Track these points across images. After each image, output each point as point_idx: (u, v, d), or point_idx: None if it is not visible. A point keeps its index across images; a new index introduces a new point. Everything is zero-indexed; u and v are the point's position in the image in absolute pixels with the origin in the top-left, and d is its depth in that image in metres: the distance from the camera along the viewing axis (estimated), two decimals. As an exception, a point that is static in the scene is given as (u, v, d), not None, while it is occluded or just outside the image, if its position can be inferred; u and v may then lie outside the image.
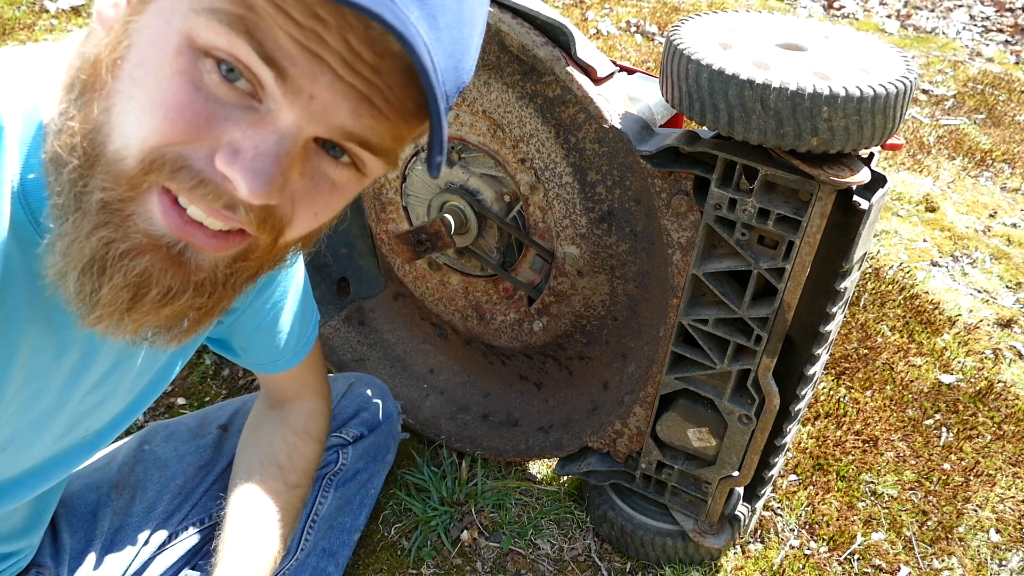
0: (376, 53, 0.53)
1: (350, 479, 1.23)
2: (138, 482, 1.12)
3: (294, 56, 0.52)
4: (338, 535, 1.21)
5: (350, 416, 1.27)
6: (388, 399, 1.33)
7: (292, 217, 0.60)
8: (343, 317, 1.58)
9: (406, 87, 0.56)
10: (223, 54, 0.52)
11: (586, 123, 1.13)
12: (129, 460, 1.14)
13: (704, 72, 0.85)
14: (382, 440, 1.29)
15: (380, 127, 0.57)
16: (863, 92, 0.81)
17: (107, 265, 0.57)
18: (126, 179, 0.55)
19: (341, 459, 1.23)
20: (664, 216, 1.05)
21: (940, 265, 2.21)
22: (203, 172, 0.55)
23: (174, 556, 1.11)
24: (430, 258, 1.40)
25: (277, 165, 0.55)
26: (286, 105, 0.54)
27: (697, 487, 1.23)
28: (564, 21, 1.01)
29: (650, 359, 1.20)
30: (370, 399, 1.29)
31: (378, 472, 1.29)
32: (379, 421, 1.29)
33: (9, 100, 0.61)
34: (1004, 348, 1.89)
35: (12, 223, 0.62)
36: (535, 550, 1.35)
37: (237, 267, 0.63)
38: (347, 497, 1.23)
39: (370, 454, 1.27)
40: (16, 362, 0.67)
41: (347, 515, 1.23)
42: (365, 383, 1.32)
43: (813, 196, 0.90)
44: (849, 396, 1.71)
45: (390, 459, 1.33)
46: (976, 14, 4.56)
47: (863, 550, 1.38)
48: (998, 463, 1.58)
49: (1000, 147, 2.92)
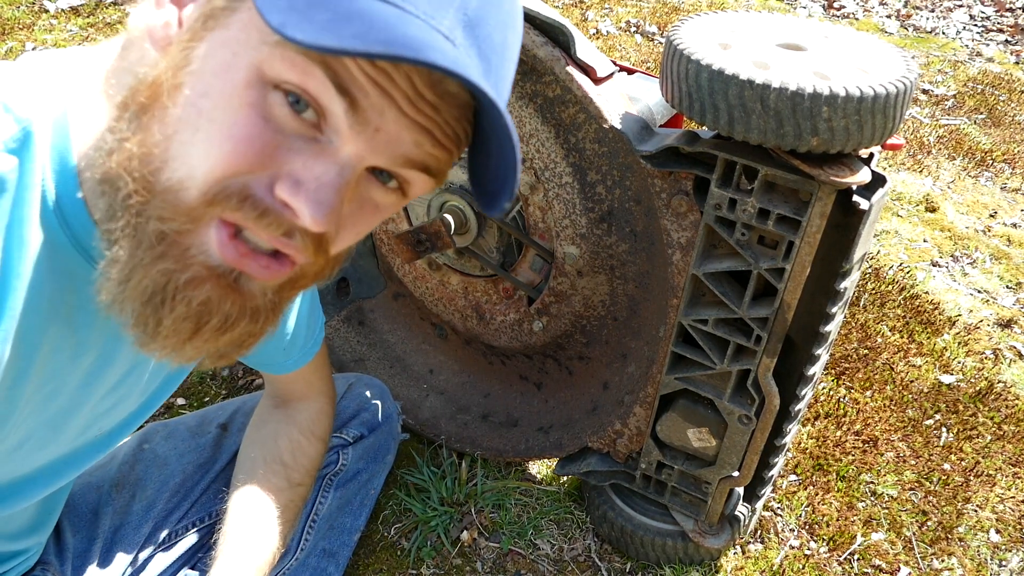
0: (437, 94, 0.57)
1: (350, 479, 1.23)
2: (138, 480, 1.12)
3: (366, 89, 0.55)
4: (338, 535, 1.21)
5: (350, 417, 1.27)
6: (388, 400, 1.33)
7: (336, 237, 0.63)
8: (343, 317, 1.58)
9: (460, 121, 0.61)
10: (293, 86, 0.54)
11: (586, 123, 1.13)
12: (129, 459, 1.14)
13: (704, 72, 0.85)
14: (382, 440, 1.29)
15: (439, 154, 0.62)
16: (863, 92, 0.81)
17: (169, 297, 0.59)
18: (186, 211, 0.57)
19: (341, 459, 1.23)
20: (664, 216, 1.05)
21: (940, 265, 2.21)
22: (264, 201, 0.57)
23: (174, 555, 1.12)
24: (430, 258, 1.40)
25: (337, 195, 0.58)
26: (351, 137, 0.57)
27: (697, 487, 1.23)
28: (564, 21, 1.01)
29: (650, 359, 1.20)
30: (369, 400, 1.30)
31: (378, 472, 1.30)
32: (379, 422, 1.29)
33: (38, 105, 0.62)
34: (1004, 348, 1.89)
35: (43, 225, 0.62)
36: (535, 550, 1.35)
37: (283, 294, 0.66)
38: (347, 497, 1.23)
39: (370, 454, 1.27)
40: (36, 361, 0.68)
41: (347, 515, 1.23)
42: (364, 383, 1.33)
43: (813, 196, 0.89)
44: (849, 396, 1.71)
45: (390, 460, 1.33)
46: (976, 14, 4.56)
47: (863, 550, 1.38)
48: (998, 463, 1.58)
49: (1000, 147, 2.92)
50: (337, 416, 1.25)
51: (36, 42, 2.93)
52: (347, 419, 1.26)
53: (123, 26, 0.68)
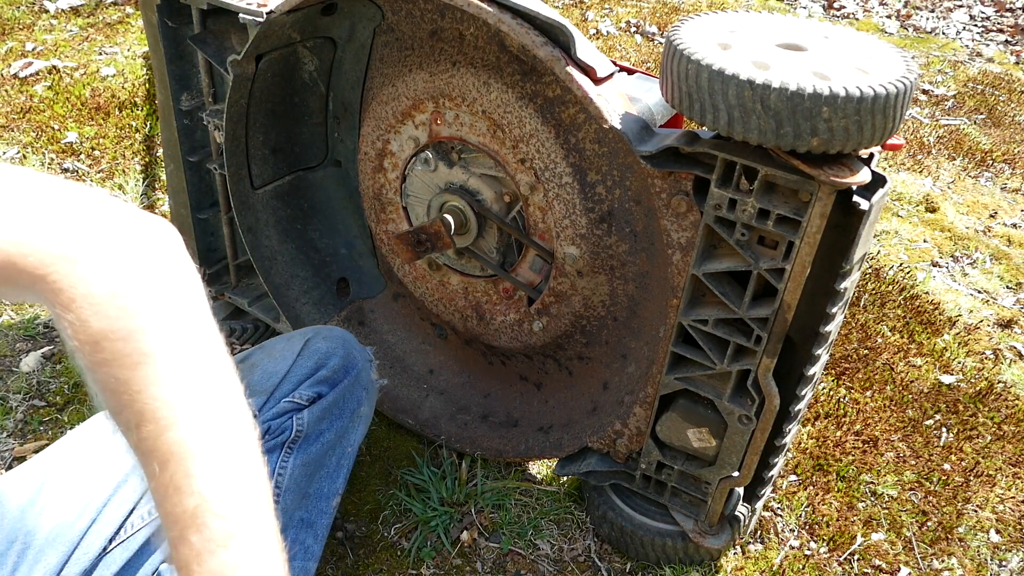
0: None
1: (312, 443, 1.13)
2: (73, 479, 1.00)
3: None
4: (315, 503, 1.14)
5: (305, 376, 1.14)
6: (354, 348, 1.21)
7: None
8: (343, 317, 1.58)
9: None
10: None
11: (586, 123, 1.13)
12: (59, 460, 1.02)
13: (704, 72, 0.85)
14: (348, 394, 1.18)
15: None
16: (863, 92, 0.81)
17: None
18: None
19: (296, 426, 1.11)
20: (664, 216, 1.05)
21: (940, 265, 2.21)
22: None
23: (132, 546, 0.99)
24: (430, 258, 1.40)
25: None
26: None
27: (697, 487, 1.23)
28: (564, 21, 1.01)
29: (650, 359, 1.20)
30: (329, 354, 1.18)
31: (351, 429, 1.19)
32: (342, 376, 1.18)
33: None
34: (1004, 348, 1.89)
35: None
36: (535, 550, 1.35)
37: None
38: (317, 463, 1.14)
39: (334, 412, 1.16)
40: None
41: (323, 480, 1.15)
42: (323, 336, 1.20)
43: (813, 196, 0.90)
44: (849, 396, 1.71)
45: (365, 412, 1.22)
46: (976, 14, 4.56)
47: (863, 550, 1.38)
48: (998, 463, 1.58)
49: (1000, 147, 2.92)
50: (290, 378, 1.14)
51: (36, 42, 2.93)
52: (301, 379, 1.14)
53: (123, 26, 0.65)
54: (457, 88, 1.20)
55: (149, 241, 0.65)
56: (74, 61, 2.81)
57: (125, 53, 2.90)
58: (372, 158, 1.38)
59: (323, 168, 1.52)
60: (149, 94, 2.58)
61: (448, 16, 1.18)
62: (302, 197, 1.53)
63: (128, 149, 2.35)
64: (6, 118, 2.44)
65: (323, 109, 1.44)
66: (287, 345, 1.17)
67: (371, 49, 1.31)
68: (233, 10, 1.25)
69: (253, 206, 1.47)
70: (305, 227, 1.55)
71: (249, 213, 1.46)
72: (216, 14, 1.35)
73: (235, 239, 1.58)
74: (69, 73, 2.72)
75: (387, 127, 1.32)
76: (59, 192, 0.64)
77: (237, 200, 1.43)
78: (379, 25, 1.28)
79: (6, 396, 1.60)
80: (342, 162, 1.51)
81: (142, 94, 2.61)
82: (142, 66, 2.78)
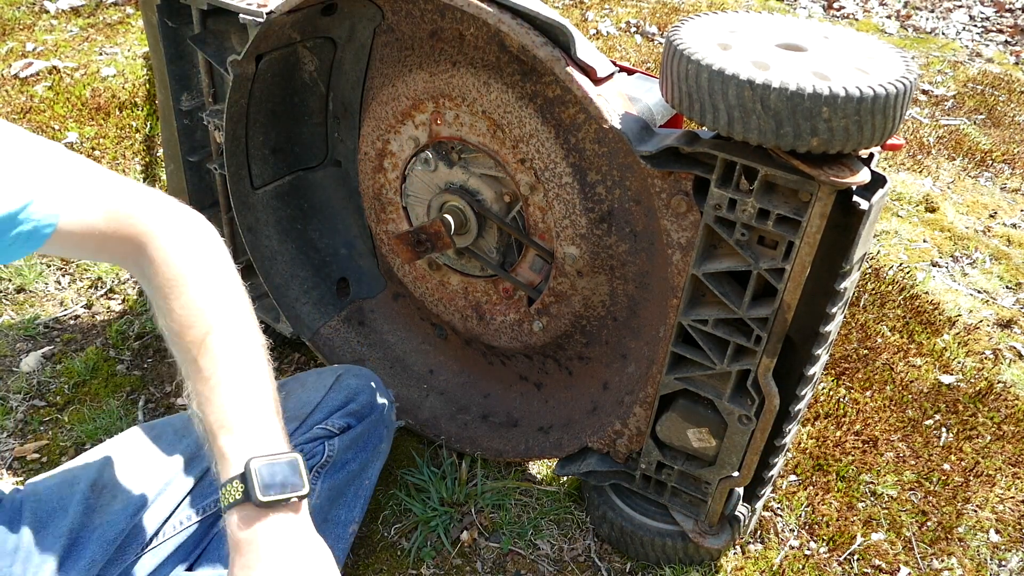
0: None
1: (339, 470, 1.20)
2: (115, 483, 1.07)
3: None
4: (333, 528, 1.19)
5: (337, 407, 1.23)
6: (380, 388, 1.31)
7: None
8: (343, 317, 1.58)
9: None
10: None
11: (586, 123, 1.13)
12: (108, 461, 1.09)
13: (704, 72, 0.85)
14: (373, 429, 1.26)
15: None
16: (863, 92, 0.81)
17: None
18: None
19: (327, 451, 1.19)
20: (664, 216, 1.05)
21: (940, 265, 2.21)
22: None
23: (162, 555, 1.07)
24: (430, 258, 1.40)
25: None
26: None
27: (697, 487, 1.23)
28: (564, 21, 1.01)
29: (650, 359, 1.20)
30: (358, 390, 1.27)
31: (371, 462, 1.27)
32: (368, 411, 1.26)
33: None
34: (1004, 348, 1.89)
35: None
36: (535, 550, 1.35)
37: None
38: (339, 489, 1.21)
39: (359, 444, 1.24)
40: None
41: (341, 508, 1.21)
42: (353, 374, 1.29)
43: (813, 196, 0.90)
44: (849, 396, 1.71)
45: (384, 448, 1.30)
46: (976, 14, 4.56)
47: (863, 550, 1.38)
48: (998, 463, 1.58)
49: (1000, 147, 2.92)
50: (323, 408, 1.22)
51: (36, 42, 2.93)
52: (333, 409, 1.23)
53: (123, 26, 0.67)
54: (457, 88, 1.21)
55: (197, 223, 0.96)
56: (74, 61, 2.81)
57: (125, 53, 2.90)
58: (372, 158, 1.38)
59: (323, 168, 1.52)
60: (149, 94, 2.58)
61: (448, 16, 1.18)
62: (302, 197, 1.53)
63: (128, 149, 2.35)
64: (6, 118, 2.44)
65: (323, 109, 1.44)
66: (319, 379, 1.26)
67: (371, 49, 1.31)
68: (233, 10, 1.25)
69: (253, 206, 1.47)
70: (305, 227, 1.55)
71: (249, 213, 1.46)
72: (216, 14, 1.35)
73: (235, 239, 1.58)
74: (69, 73, 2.72)
75: (387, 127, 1.33)
76: (127, 183, 0.95)
77: (237, 200, 1.43)
78: (379, 25, 1.28)
79: (6, 396, 1.60)
80: (342, 162, 1.51)
81: (142, 94, 2.61)
82: (142, 66, 2.78)
